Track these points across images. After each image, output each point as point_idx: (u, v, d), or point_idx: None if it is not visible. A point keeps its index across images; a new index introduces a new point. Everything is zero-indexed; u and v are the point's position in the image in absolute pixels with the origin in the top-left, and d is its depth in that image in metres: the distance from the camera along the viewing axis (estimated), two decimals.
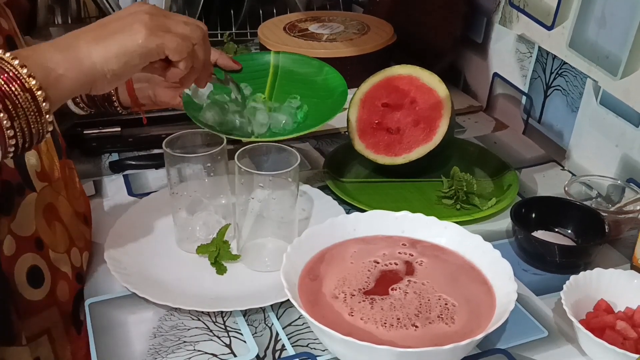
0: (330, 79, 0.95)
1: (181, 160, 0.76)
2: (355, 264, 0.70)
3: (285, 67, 0.97)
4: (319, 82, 0.95)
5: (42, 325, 0.69)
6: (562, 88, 1.01)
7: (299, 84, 0.95)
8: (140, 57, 0.60)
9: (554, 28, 0.99)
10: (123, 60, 0.59)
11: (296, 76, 0.96)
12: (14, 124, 0.53)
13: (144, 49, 0.60)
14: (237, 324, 0.69)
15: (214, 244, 0.76)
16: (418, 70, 0.94)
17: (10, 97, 0.53)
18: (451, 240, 0.73)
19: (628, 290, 0.70)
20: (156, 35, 0.61)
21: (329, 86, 0.94)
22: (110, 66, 0.59)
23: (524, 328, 0.70)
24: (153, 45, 0.61)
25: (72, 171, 0.81)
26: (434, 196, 0.92)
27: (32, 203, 0.68)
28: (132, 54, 0.60)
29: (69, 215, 0.75)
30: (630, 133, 0.89)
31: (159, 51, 0.62)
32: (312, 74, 0.96)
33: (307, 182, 0.93)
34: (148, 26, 0.60)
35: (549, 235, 0.82)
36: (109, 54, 0.59)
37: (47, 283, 0.69)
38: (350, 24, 1.30)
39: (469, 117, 1.18)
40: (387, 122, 0.94)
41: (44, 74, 0.55)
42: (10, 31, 0.71)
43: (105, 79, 0.60)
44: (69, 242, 0.73)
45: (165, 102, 0.90)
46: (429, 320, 0.63)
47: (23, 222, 0.67)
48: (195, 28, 0.65)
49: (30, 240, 0.68)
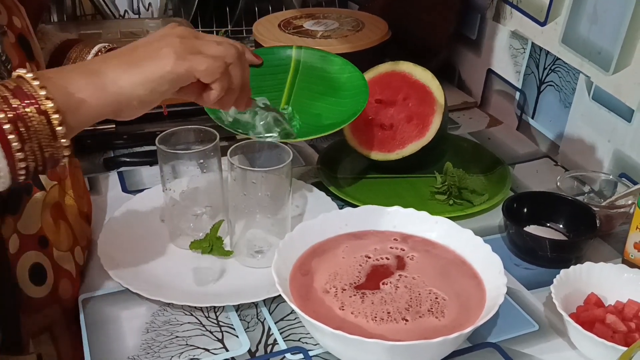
0: (353, 77, 0.92)
1: (174, 156, 0.76)
2: (347, 259, 0.70)
3: (306, 62, 0.94)
4: (340, 80, 0.92)
5: (44, 323, 0.70)
6: (555, 84, 1.01)
7: (319, 81, 0.92)
8: (170, 83, 0.59)
9: (547, 24, 1.00)
10: (151, 87, 0.57)
11: (318, 72, 0.93)
12: (24, 146, 0.52)
13: (172, 74, 0.58)
14: (230, 319, 0.70)
15: (207, 240, 0.77)
16: (411, 66, 0.95)
17: (24, 119, 0.51)
18: (442, 235, 0.73)
19: (618, 284, 0.70)
20: (185, 59, 0.59)
21: (351, 85, 0.91)
22: (137, 92, 0.57)
23: (515, 322, 0.70)
24: (182, 70, 0.59)
25: (78, 170, 0.81)
26: (427, 192, 0.92)
27: (39, 201, 0.68)
28: (160, 80, 0.58)
29: (74, 214, 0.75)
30: (622, 128, 0.89)
31: (188, 75, 0.59)
32: (334, 71, 0.93)
33: (300, 178, 0.94)
34: (177, 50, 0.58)
35: (540, 230, 0.82)
36: (135, 81, 0.57)
37: (49, 281, 0.69)
38: (345, 21, 1.30)
39: (463, 113, 1.18)
40: (380, 118, 0.95)
41: (65, 98, 0.53)
42: (23, 29, 0.69)
43: (132, 106, 0.58)
44: (73, 241, 0.74)
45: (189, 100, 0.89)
46: (419, 314, 0.63)
47: (28, 221, 0.67)
48: (229, 47, 0.63)
49: (34, 238, 0.68)
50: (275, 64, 0.92)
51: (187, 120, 1.06)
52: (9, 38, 0.65)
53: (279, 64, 0.93)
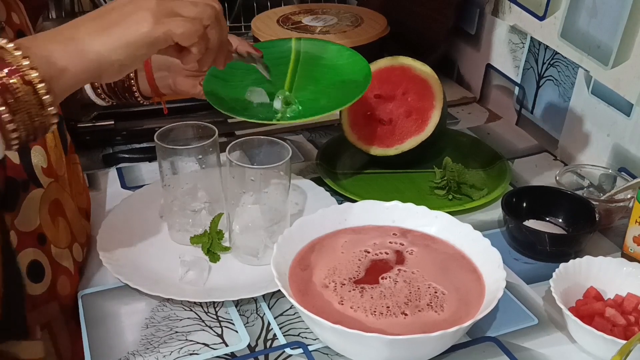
0: (354, 62, 0.90)
1: (173, 152, 0.76)
2: (346, 254, 0.71)
3: (307, 52, 0.94)
4: (342, 66, 0.91)
5: (42, 320, 0.70)
6: (554, 78, 1.01)
7: (321, 69, 0.92)
8: (147, 47, 0.58)
9: (546, 18, 1.00)
10: (129, 51, 0.57)
11: (319, 61, 0.93)
12: (15, 117, 0.52)
13: (150, 38, 0.58)
14: (229, 314, 0.70)
15: (206, 235, 0.77)
16: (410, 61, 0.95)
17: (11, 90, 0.52)
18: (441, 229, 0.73)
19: (618, 277, 0.70)
20: (162, 23, 0.58)
21: (353, 70, 0.90)
22: (116, 57, 0.57)
23: (514, 316, 0.70)
24: (159, 34, 0.58)
25: (77, 166, 0.81)
26: (427, 187, 0.92)
27: (37, 198, 0.68)
28: (137, 43, 0.57)
29: (73, 211, 0.75)
30: (621, 122, 0.89)
31: (166, 39, 0.59)
32: (334, 58, 0.92)
33: (300, 174, 0.94)
34: (153, 13, 0.58)
35: (540, 224, 0.82)
36: (113, 45, 0.56)
37: (47, 278, 0.69)
38: (343, 16, 1.30)
39: (462, 109, 1.18)
40: (379, 113, 0.95)
41: (47, 66, 0.54)
42: (21, 25, 0.69)
43: (112, 69, 0.58)
44: (71, 238, 0.74)
45: (185, 91, 0.88)
46: (418, 308, 0.63)
47: (26, 218, 0.67)
48: (205, 7, 0.62)
49: (32, 235, 0.68)
50: (276, 56, 0.91)
51: (186, 117, 1.06)
52: (7, 34, 0.65)
53: (279, 56, 0.92)
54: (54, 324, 0.71)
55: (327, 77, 0.89)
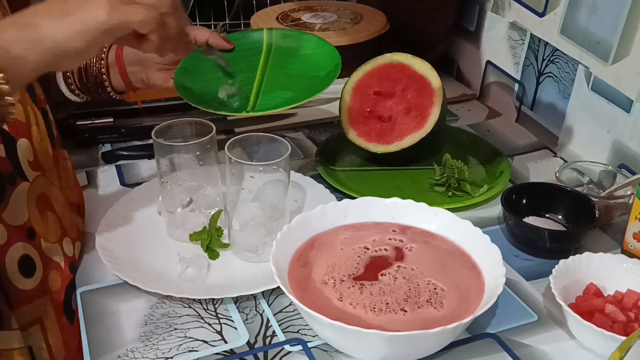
0: (324, 51, 0.92)
1: (170, 149, 0.76)
2: (345, 250, 0.70)
3: (278, 43, 0.95)
4: (312, 56, 0.92)
5: (33, 315, 0.70)
6: (554, 75, 1.01)
7: (292, 59, 0.93)
8: (105, 34, 0.58)
9: (546, 15, 0.99)
10: (86, 39, 0.57)
11: (289, 51, 0.94)
12: None
13: (107, 25, 0.57)
14: (228, 311, 0.70)
15: (205, 232, 0.77)
16: (410, 58, 0.94)
17: None
18: (441, 226, 0.73)
19: (617, 274, 0.70)
20: (118, 10, 0.58)
21: (323, 59, 0.91)
22: (73, 44, 0.57)
23: (514, 312, 0.70)
24: (116, 21, 0.58)
25: (66, 161, 0.81)
26: (426, 184, 0.92)
27: (25, 192, 0.68)
28: (95, 31, 0.57)
29: (62, 205, 0.75)
30: (621, 119, 0.89)
31: (123, 26, 0.59)
32: (305, 48, 0.94)
33: (299, 171, 0.94)
34: (111, 0, 0.58)
35: (539, 221, 0.82)
36: (70, 33, 0.56)
37: (38, 272, 0.69)
38: (343, 13, 1.29)
39: (462, 106, 1.18)
40: (379, 110, 0.94)
41: (3, 55, 0.53)
42: None
43: (69, 57, 0.58)
44: (61, 232, 0.73)
45: (157, 85, 0.90)
46: (417, 304, 0.63)
47: (15, 212, 0.67)
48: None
49: (22, 230, 0.68)
50: (247, 47, 0.93)
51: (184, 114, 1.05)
52: None
53: (250, 47, 0.94)
54: (44, 319, 0.71)
55: (297, 67, 0.91)
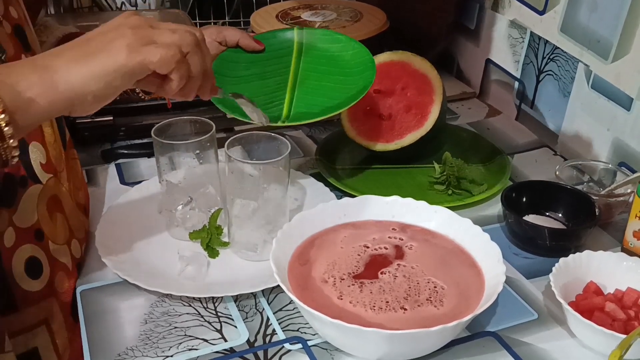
0: (358, 54, 0.89)
1: (170, 147, 0.76)
2: (345, 249, 0.70)
3: (309, 43, 0.92)
4: (345, 57, 0.89)
5: (40, 316, 0.69)
6: (554, 73, 1.01)
7: (324, 60, 0.90)
8: (123, 77, 0.56)
9: (546, 13, 0.99)
10: (104, 82, 0.55)
11: (322, 52, 0.91)
12: None
13: (126, 68, 0.55)
14: (228, 310, 0.70)
15: (205, 230, 0.77)
16: (409, 56, 0.94)
17: None
18: (441, 224, 0.73)
19: (617, 272, 0.70)
20: (137, 52, 0.56)
21: (356, 62, 0.89)
22: (90, 88, 0.54)
23: (514, 311, 0.70)
24: (135, 63, 0.56)
25: (75, 161, 0.81)
26: (426, 182, 0.92)
27: (35, 194, 0.68)
28: (113, 74, 0.55)
29: (71, 207, 0.75)
30: (621, 117, 0.89)
31: (142, 68, 0.56)
32: (338, 50, 0.91)
33: (299, 169, 0.94)
34: (129, 42, 0.55)
35: (539, 219, 0.82)
36: (87, 76, 0.54)
37: (45, 274, 0.69)
38: (343, 11, 1.29)
39: (462, 104, 1.18)
40: (379, 108, 0.94)
41: (13, 96, 0.51)
42: (19, 20, 0.68)
43: (86, 102, 0.55)
44: (69, 234, 0.73)
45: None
46: (417, 303, 0.63)
47: (24, 214, 0.67)
48: (185, 34, 0.59)
49: (30, 232, 0.67)
50: (277, 47, 0.90)
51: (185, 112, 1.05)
52: (4, 28, 0.65)
53: (281, 47, 0.91)
54: (51, 320, 0.71)
55: (331, 69, 0.88)
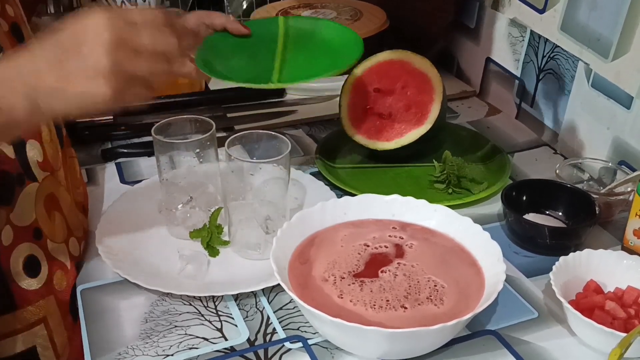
0: (344, 37, 0.89)
1: (170, 147, 0.76)
2: (346, 248, 0.70)
3: (296, 29, 0.92)
4: (333, 41, 0.89)
5: (38, 314, 0.70)
6: (554, 71, 1.01)
7: (311, 45, 0.90)
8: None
9: (546, 11, 0.99)
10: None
11: (308, 37, 0.91)
12: None
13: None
14: (229, 308, 0.70)
15: (205, 229, 0.77)
16: (409, 54, 0.94)
17: None
18: (441, 222, 0.73)
19: (618, 270, 0.70)
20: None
21: (344, 45, 0.88)
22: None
23: (514, 309, 0.70)
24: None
25: (73, 160, 0.81)
26: (426, 181, 0.92)
27: (33, 193, 0.68)
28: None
29: (69, 205, 0.75)
30: (621, 115, 0.89)
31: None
32: (324, 34, 0.90)
33: (299, 168, 0.94)
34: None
35: (539, 217, 0.82)
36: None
37: (43, 272, 0.69)
38: (343, 10, 1.29)
39: (462, 102, 1.18)
40: (378, 107, 0.94)
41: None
42: (16, 18, 0.68)
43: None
44: (68, 232, 0.73)
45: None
46: (418, 301, 0.63)
47: (22, 212, 0.67)
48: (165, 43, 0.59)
49: (28, 230, 0.68)
50: (264, 32, 0.91)
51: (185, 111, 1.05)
52: (1, 26, 0.65)
53: (267, 31, 0.91)
54: (49, 319, 0.71)
55: (318, 54, 0.88)
